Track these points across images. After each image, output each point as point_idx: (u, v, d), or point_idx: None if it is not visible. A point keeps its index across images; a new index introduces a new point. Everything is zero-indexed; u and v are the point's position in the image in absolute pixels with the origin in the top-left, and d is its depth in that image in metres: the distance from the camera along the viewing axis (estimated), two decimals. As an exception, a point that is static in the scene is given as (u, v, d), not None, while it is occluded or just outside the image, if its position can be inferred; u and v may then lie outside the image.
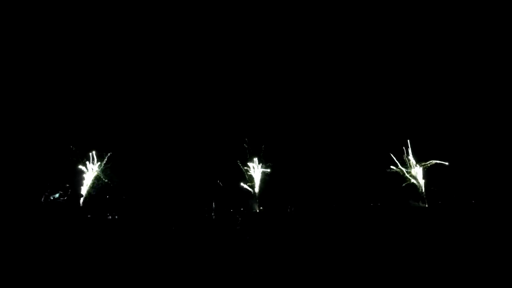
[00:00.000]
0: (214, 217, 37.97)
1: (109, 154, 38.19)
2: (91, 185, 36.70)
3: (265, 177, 42.04)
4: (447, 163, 40.17)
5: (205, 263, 13.51)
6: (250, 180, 41.86)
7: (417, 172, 41.29)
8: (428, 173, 41.26)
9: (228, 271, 11.74)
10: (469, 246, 15.20)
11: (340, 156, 46.11)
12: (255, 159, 41.96)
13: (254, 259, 14.55)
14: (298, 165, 45.78)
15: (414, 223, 28.20)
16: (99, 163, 37.57)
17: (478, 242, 16.21)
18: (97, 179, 37.22)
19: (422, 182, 40.98)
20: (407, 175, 41.63)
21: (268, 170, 41.69)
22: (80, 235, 24.99)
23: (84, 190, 36.57)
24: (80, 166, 36.76)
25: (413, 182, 41.62)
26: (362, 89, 48.91)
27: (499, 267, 10.82)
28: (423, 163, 40.52)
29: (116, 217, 36.14)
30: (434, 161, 40.61)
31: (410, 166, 41.47)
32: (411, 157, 41.42)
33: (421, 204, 40.68)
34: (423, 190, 40.83)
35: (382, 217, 34.55)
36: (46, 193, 35.89)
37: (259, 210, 40.77)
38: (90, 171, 37.06)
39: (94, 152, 37.42)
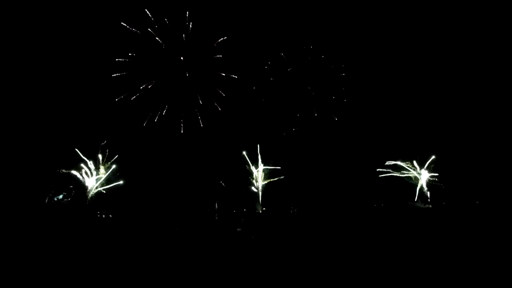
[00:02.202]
0: (217, 218, 37.98)
1: (113, 155, 38.29)
2: (96, 186, 36.79)
3: (268, 178, 42.11)
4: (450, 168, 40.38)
5: (208, 263, 13.52)
6: (253, 181, 41.95)
7: (419, 174, 41.27)
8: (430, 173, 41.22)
9: (231, 270, 11.74)
10: (473, 246, 15.09)
11: (342, 157, 46.06)
12: (259, 160, 42.01)
13: (257, 259, 14.55)
14: (300, 166, 45.77)
15: (418, 223, 28.07)
16: (103, 163, 37.64)
17: (482, 243, 16.10)
18: (103, 180, 37.26)
19: (425, 183, 40.91)
20: (409, 177, 41.61)
21: (272, 169, 41.76)
22: (83, 235, 25.07)
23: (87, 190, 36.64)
24: (84, 168, 36.85)
25: (411, 183, 41.63)
26: (364, 89, 48.76)
27: (503, 268, 10.76)
28: (428, 167, 40.50)
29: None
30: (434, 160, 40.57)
31: (412, 168, 41.49)
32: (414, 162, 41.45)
33: (419, 204, 40.60)
34: (427, 191, 40.74)
35: (385, 218, 34.47)
36: (50, 195, 36.12)
37: (262, 211, 40.77)
38: (94, 172, 37.15)
39: (100, 155, 37.38)
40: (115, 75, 29.58)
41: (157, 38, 30.02)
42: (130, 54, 30.23)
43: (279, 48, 48.07)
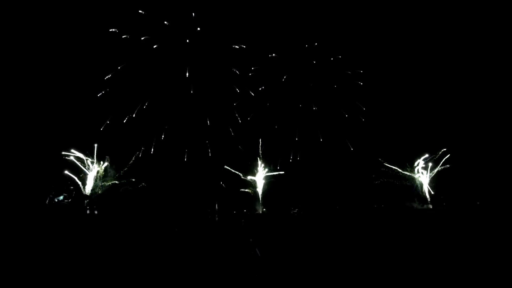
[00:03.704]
0: (217, 219, 37.96)
1: (108, 156, 38.42)
2: (96, 186, 36.91)
3: (268, 179, 42.08)
4: (448, 165, 40.27)
5: (208, 265, 13.54)
6: (253, 182, 41.92)
7: (420, 175, 41.30)
8: (431, 175, 41.20)
9: (231, 273, 11.76)
10: (474, 247, 15.10)
11: (343, 158, 46.08)
12: (259, 162, 42.00)
13: (257, 261, 14.56)
14: (301, 167, 45.77)
15: (419, 225, 28.02)
16: (104, 164, 37.77)
17: (483, 244, 16.10)
18: (100, 180, 37.39)
19: (426, 184, 40.89)
20: (409, 179, 41.61)
21: (273, 173, 41.53)
22: (83, 236, 25.04)
23: (87, 191, 36.75)
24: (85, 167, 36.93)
25: (410, 184, 41.64)
26: (364, 91, 48.84)
27: (504, 269, 10.77)
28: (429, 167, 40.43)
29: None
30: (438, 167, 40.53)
31: (412, 171, 41.49)
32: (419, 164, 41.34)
33: (418, 205, 40.61)
34: (427, 192, 40.71)
35: (386, 218, 34.37)
36: (51, 196, 36.21)
37: (262, 211, 40.73)
38: (94, 172, 37.26)
39: (98, 155, 37.52)
40: (100, 94, 22.94)
41: (154, 46, 22.96)
42: (119, 67, 23.70)
43: (271, 47, 33.71)
